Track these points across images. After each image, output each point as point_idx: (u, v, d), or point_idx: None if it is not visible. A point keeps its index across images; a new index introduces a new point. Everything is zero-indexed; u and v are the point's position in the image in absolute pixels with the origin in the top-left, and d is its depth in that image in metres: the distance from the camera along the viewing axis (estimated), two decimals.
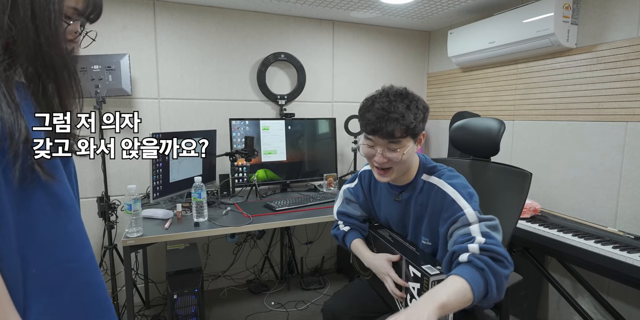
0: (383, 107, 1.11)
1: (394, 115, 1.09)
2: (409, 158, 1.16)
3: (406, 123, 1.09)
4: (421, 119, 1.14)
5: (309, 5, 2.46)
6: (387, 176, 1.18)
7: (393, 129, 1.09)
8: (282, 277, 2.82)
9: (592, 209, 1.98)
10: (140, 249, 2.35)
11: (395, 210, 1.30)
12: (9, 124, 0.53)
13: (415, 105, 1.12)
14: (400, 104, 1.10)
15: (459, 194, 1.11)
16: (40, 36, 0.57)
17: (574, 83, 2.04)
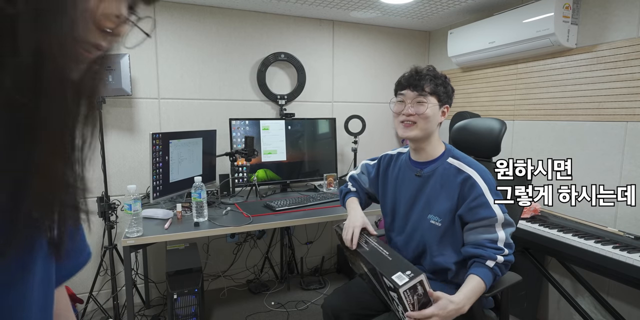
0: (417, 70, 1.31)
1: (428, 74, 1.28)
2: (433, 118, 1.27)
3: (436, 83, 1.26)
4: (450, 91, 1.30)
5: (309, 5, 2.46)
6: (411, 130, 1.29)
7: (423, 84, 1.26)
8: (282, 277, 2.82)
9: (592, 209, 1.98)
10: (140, 249, 2.34)
11: (412, 186, 1.35)
12: None
13: (442, 77, 1.30)
14: (432, 71, 1.30)
15: (487, 189, 1.21)
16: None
17: (574, 83, 2.04)
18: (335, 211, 2.06)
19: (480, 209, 1.19)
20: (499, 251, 1.17)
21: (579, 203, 1.95)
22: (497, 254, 1.17)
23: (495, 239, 1.18)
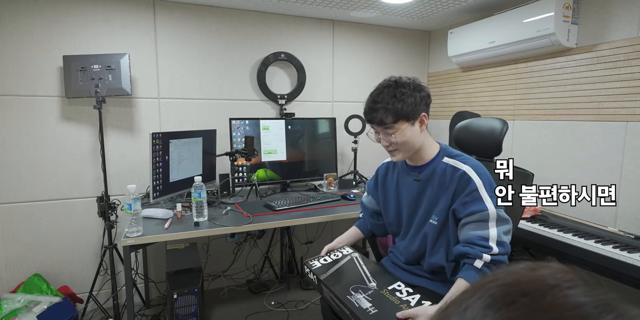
0: (372, 99, 1.24)
1: (381, 105, 1.20)
2: (410, 140, 1.23)
3: (393, 110, 1.19)
4: (414, 103, 1.20)
5: (309, 5, 2.46)
6: (396, 155, 1.29)
7: (382, 117, 1.21)
8: (282, 277, 2.82)
9: (592, 208, 1.98)
10: (140, 249, 2.35)
11: (413, 190, 1.34)
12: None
13: (402, 91, 1.20)
14: (387, 94, 1.20)
15: (482, 184, 1.19)
16: None
17: (574, 83, 2.03)
18: (335, 211, 2.06)
19: (472, 203, 1.18)
20: (487, 249, 1.13)
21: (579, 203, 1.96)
22: (484, 252, 1.12)
23: (486, 236, 1.14)
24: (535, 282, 0.30)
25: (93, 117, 2.22)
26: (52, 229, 2.26)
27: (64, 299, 2.09)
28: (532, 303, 0.28)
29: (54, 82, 2.17)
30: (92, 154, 2.29)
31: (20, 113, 2.13)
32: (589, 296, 0.29)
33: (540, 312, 0.27)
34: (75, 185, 2.28)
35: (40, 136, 2.18)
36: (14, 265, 2.20)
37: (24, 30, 2.09)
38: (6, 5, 2.05)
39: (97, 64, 2.05)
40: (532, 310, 0.28)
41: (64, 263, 2.31)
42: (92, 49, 2.22)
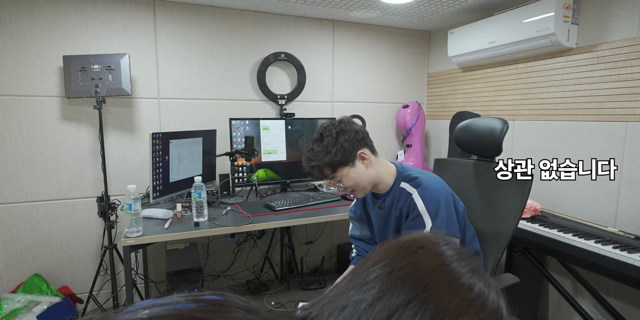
0: (306, 158, 1.29)
1: (315, 163, 1.25)
2: (359, 178, 1.26)
3: (326, 163, 1.23)
4: (342, 150, 1.23)
5: (309, 5, 2.46)
6: (358, 194, 1.33)
7: (321, 173, 1.26)
8: (282, 277, 2.82)
9: (592, 209, 1.98)
10: (140, 249, 2.34)
11: (379, 217, 1.36)
12: None
13: (327, 142, 1.24)
14: (316, 150, 1.25)
15: (425, 209, 1.19)
16: None
17: (574, 83, 2.03)
18: (335, 211, 2.06)
19: (414, 228, 1.20)
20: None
21: (579, 203, 1.96)
22: None
23: None
24: (423, 240, 0.45)
25: (93, 117, 2.22)
26: (52, 229, 2.26)
27: (64, 299, 2.09)
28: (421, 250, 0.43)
29: (54, 82, 2.17)
30: (92, 154, 2.29)
31: (21, 113, 2.13)
32: (453, 250, 0.43)
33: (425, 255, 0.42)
34: (75, 185, 2.28)
35: (40, 136, 2.18)
36: (14, 265, 2.20)
37: (24, 30, 2.09)
38: (6, 5, 2.05)
39: (97, 64, 2.05)
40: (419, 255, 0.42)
41: (64, 263, 2.31)
42: (92, 49, 2.22)
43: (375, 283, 0.39)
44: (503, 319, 0.39)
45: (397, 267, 0.40)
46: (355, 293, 0.40)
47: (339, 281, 0.48)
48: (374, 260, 0.43)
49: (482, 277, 0.41)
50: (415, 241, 0.44)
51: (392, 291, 0.38)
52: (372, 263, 0.43)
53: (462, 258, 0.42)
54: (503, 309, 0.39)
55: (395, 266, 0.41)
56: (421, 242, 0.44)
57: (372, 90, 3.05)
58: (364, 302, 0.38)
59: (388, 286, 0.39)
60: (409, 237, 0.46)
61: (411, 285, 0.38)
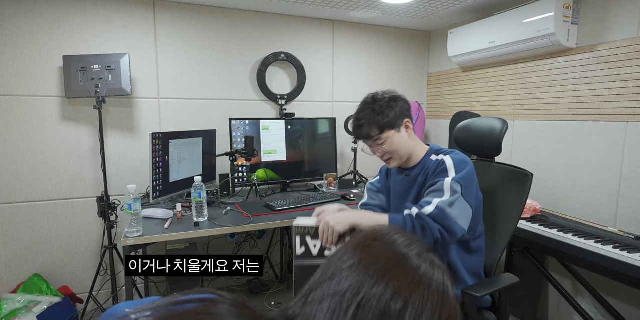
0: (356, 117, 1.33)
1: (364, 121, 1.30)
2: (400, 146, 1.31)
3: (375, 122, 1.28)
4: (393, 113, 1.29)
5: (309, 5, 2.46)
6: (392, 163, 1.36)
7: (368, 132, 1.30)
8: (282, 277, 2.82)
9: (592, 209, 1.98)
10: (140, 249, 2.34)
11: (402, 184, 1.39)
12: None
13: (380, 104, 1.29)
14: (367, 111, 1.30)
15: (453, 165, 1.24)
16: None
17: (574, 83, 2.03)
18: None
19: (437, 177, 1.24)
20: (421, 206, 1.17)
21: (579, 203, 1.96)
22: (416, 206, 1.18)
23: (430, 201, 1.17)
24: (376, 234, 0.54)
25: (93, 117, 2.22)
26: (52, 229, 2.26)
27: (64, 299, 2.09)
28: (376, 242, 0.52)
29: (54, 82, 2.17)
30: (92, 154, 2.29)
31: (20, 113, 2.13)
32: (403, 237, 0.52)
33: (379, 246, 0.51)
34: (75, 185, 2.28)
35: (40, 136, 2.18)
36: (14, 265, 2.20)
37: (24, 30, 2.09)
38: (6, 5, 2.05)
39: (97, 64, 2.05)
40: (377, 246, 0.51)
41: (64, 263, 2.31)
42: (92, 49, 2.22)
43: (343, 275, 0.47)
44: (448, 290, 0.48)
45: (358, 260, 0.49)
46: (327, 287, 0.47)
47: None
48: (339, 256, 0.51)
49: (427, 259, 0.50)
50: (369, 235, 0.53)
51: (357, 280, 0.46)
52: (337, 258, 0.51)
53: (411, 243, 0.51)
54: (448, 283, 0.48)
55: (356, 259, 0.49)
56: (374, 235, 0.53)
57: (372, 90, 3.00)
58: (336, 294, 0.46)
59: (354, 276, 0.46)
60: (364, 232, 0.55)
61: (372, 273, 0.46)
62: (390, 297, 0.44)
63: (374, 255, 0.49)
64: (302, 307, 0.48)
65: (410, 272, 0.47)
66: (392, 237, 0.52)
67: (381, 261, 0.48)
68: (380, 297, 0.44)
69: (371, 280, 0.45)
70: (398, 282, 0.45)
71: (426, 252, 0.51)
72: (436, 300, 0.46)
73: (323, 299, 0.46)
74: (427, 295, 0.45)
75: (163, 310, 0.45)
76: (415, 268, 0.48)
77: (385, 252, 0.50)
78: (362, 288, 0.45)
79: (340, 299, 0.45)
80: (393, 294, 0.44)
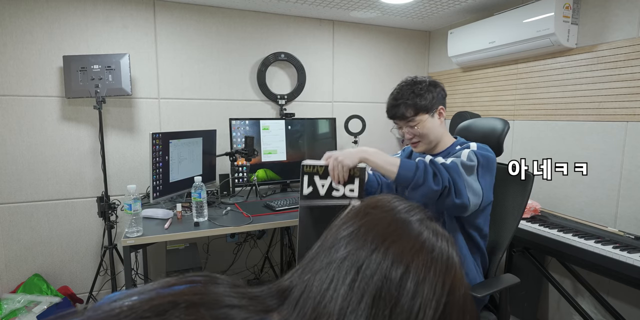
0: (393, 97, 1.35)
1: (401, 101, 1.31)
2: (431, 131, 1.33)
3: (412, 104, 1.30)
4: (431, 97, 1.31)
5: (309, 5, 2.46)
6: (418, 147, 1.39)
7: (403, 112, 1.31)
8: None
9: (592, 209, 1.98)
10: (140, 249, 2.34)
11: None
12: None
13: (420, 87, 1.31)
14: (406, 91, 1.32)
15: (476, 146, 1.27)
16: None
17: (574, 83, 2.03)
18: None
19: (459, 151, 1.25)
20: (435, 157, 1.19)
21: (579, 203, 1.96)
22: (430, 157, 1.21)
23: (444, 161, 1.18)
24: (376, 202, 0.52)
25: (93, 117, 2.22)
26: (52, 229, 2.26)
27: (64, 299, 2.09)
28: (375, 210, 0.50)
29: (54, 82, 2.17)
30: (92, 154, 2.29)
31: (20, 113, 2.13)
32: (403, 203, 0.51)
33: (379, 213, 0.49)
34: (75, 185, 2.28)
35: (40, 136, 2.18)
36: (14, 265, 2.20)
37: (24, 30, 2.09)
38: (6, 5, 2.05)
39: (97, 64, 2.05)
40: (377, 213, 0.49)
41: (64, 263, 2.31)
42: (92, 49, 2.22)
43: (341, 244, 0.45)
44: (452, 257, 0.45)
45: (357, 227, 0.47)
46: (325, 256, 0.45)
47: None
48: (337, 225, 0.49)
49: (429, 226, 0.48)
50: (369, 204, 0.52)
51: (356, 247, 0.44)
52: (336, 228, 0.49)
53: (411, 209, 0.50)
54: (451, 250, 0.46)
55: (355, 226, 0.47)
56: (374, 203, 0.52)
57: (372, 90, 3.05)
58: (334, 262, 0.44)
59: (352, 244, 0.45)
60: (364, 201, 0.53)
61: (371, 239, 0.44)
62: (390, 263, 0.42)
63: (373, 222, 0.47)
64: (300, 276, 0.46)
65: (411, 237, 0.45)
66: (393, 203, 0.51)
67: (380, 227, 0.46)
68: (380, 263, 0.42)
69: (370, 246, 0.43)
70: (398, 247, 0.43)
71: (428, 219, 0.49)
72: (439, 266, 0.43)
73: (321, 268, 0.44)
74: (430, 261, 0.43)
75: (151, 293, 0.43)
76: (417, 233, 0.46)
77: (385, 218, 0.48)
78: (361, 255, 0.43)
79: (338, 266, 0.43)
80: (393, 259, 0.42)
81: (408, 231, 0.46)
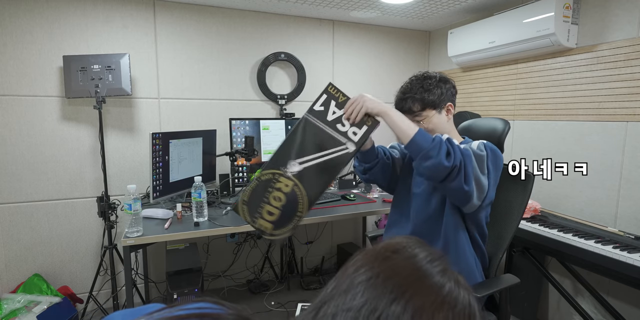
0: (402, 90, 1.34)
1: (409, 95, 1.31)
2: (437, 127, 1.31)
3: (420, 98, 1.29)
4: (440, 93, 1.30)
5: (309, 5, 2.46)
6: None
7: (410, 106, 1.31)
8: (282, 277, 2.82)
9: (592, 209, 1.98)
10: (140, 249, 2.34)
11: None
12: None
13: (430, 82, 1.30)
14: (415, 85, 1.31)
15: (482, 142, 1.23)
16: None
17: (574, 83, 2.03)
18: (335, 211, 2.06)
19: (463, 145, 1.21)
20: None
21: (579, 203, 1.96)
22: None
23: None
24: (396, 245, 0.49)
25: (93, 117, 2.22)
26: (52, 229, 2.26)
27: (64, 299, 2.09)
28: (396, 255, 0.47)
29: (54, 82, 2.17)
30: (92, 154, 2.29)
31: (20, 113, 2.13)
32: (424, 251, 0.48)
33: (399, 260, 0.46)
34: (75, 185, 2.28)
35: (40, 136, 2.18)
36: (14, 265, 2.20)
37: (24, 30, 2.09)
38: (6, 5, 2.05)
39: (97, 64, 2.05)
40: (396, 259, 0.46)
41: (64, 263, 2.31)
42: (92, 49, 2.22)
43: (358, 289, 0.43)
44: (474, 312, 0.43)
45: (375, 273, 0.44)
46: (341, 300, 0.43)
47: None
48: (355, 267, 0.46)
49: (451, 276, 0.45)
50: (389, 246, 0.49)
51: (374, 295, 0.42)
52: (352, 270, 0.46)
53: (434, 259, 0.47)
54: (474, 304, 0.44)
55: (374, 272, 0.44)
56: (394, 247, 0.49)
57: (372, 90, 3.04)
58: (351, 309, 0.42)
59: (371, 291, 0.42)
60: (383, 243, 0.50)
61: (391, 288, 0.42)
62: (410, 317, 0.40)
63: (394, 269, 0.45)
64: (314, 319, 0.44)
65: (433, 290, 0.43)
66: (414, 250, 0.48)
67: (401, 276, 0.44)
68: (399, 316, 0.40)
69: (390, 296, 0.41)
70: (420, 300, 0.41)
71: (450, 270, 0.47)
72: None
73: (336, 314, 0.42)
74: (452, 318, 0.41)
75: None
76: (439, 286, 0.43)
77: (406, 266, 0.45)
78: (379, 305, 0.41)
79: (355, 315, 0.41)
80: (413, 313, 0.40)
81: (430, 283, 0.44)
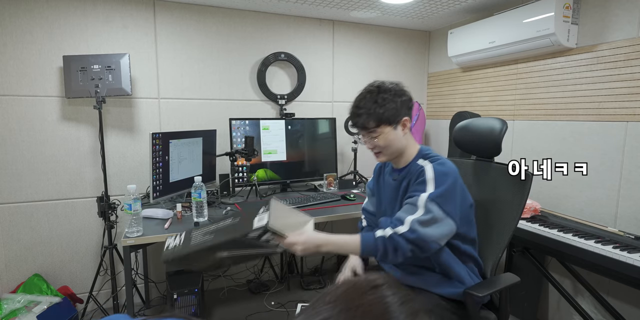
0: (355, 105, 1.29)
1: (363, 111, 1.25)
2: (393, 143, 1.28)
3: (375, 115, 1.24)
4: (395, 108, 1.25)
5: (309, 5, 2.46)
6: (380, 157, 1.34)
7: (364, 122, 1.26)
8: (282, 277, 2.82)
9: (592, 209, 1.98)
10: (140, 249, 2.35)
11: (391, 190, 1.37)
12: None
13: (384, 97, 1.25)
14: (369, 100, 1.26)
15: (433, 177, 1.20)
16: None
17: (574, 83, 2.03)
18: (335, 211, 2.06)
19: (416, 188, 1.21)
20: (394, 224, 1.15)
21: (579, 203, 1.96)
22: (390, 226, 1.16)
23: (404, 218, 1.15)
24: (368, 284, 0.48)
25: (93, 117, 2.22)
26: (52, 229, 2.26)
27: (64, 299, 2.09)
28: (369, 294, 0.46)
29: (54, 82, 2.17)
30: (92, 154, 2.29)
31: (21, 113, 2.13)
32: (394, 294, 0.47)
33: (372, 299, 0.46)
34: (75, 185, 2.28)
35: (40, 136, 2.18)
36: (14, 265, 2.20)
37: (24, 30, 2.09)
38: (6, 5, 2.05)
39: (97, 64, 2.05)
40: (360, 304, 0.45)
41: (64, 263, 2.31)
42: (92, 49, 2.22)
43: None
44: None
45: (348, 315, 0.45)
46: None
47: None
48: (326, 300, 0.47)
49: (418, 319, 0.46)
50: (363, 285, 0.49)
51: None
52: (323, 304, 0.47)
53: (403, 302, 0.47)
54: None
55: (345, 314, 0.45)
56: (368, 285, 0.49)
57: None
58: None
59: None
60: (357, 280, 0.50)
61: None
62: None
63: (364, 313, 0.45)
64: None
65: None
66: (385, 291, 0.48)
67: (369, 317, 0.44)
68: None
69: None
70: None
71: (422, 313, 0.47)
72: None
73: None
74: None
75: None
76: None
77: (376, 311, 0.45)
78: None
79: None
80: None
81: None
